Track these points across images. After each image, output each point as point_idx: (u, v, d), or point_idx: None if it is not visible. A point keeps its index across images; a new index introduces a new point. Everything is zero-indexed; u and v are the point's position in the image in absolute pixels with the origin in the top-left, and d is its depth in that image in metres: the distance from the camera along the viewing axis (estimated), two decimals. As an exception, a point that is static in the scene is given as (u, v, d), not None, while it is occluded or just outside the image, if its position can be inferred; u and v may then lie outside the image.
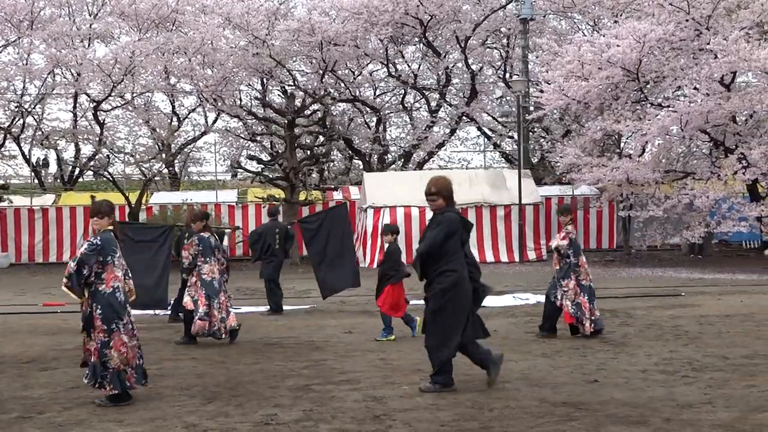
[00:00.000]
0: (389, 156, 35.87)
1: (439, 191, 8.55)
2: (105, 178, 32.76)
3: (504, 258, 27.27)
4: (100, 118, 31.95)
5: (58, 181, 36.57)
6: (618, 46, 24.03)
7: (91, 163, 33.36)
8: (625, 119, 24.52)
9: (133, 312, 8.61)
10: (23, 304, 18.52)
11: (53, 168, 38.52)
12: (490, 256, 26.83)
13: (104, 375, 8.07)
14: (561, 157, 27.08)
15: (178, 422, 7.47)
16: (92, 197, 14.90)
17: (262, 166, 32.00)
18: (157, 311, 14.94)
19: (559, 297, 11.97)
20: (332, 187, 30.73)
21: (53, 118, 34.05)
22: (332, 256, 14.54)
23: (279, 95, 33.82)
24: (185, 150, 34.72)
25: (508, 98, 34.94)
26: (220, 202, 30.17)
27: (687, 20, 23.90)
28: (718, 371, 9.30)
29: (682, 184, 25.31)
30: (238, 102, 33.01)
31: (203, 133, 34.16)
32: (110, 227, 8.42)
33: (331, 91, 32.76)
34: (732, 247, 29.62)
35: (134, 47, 29.04)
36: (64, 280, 8.19)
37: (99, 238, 8.25)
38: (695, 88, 24.34)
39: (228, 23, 30.78)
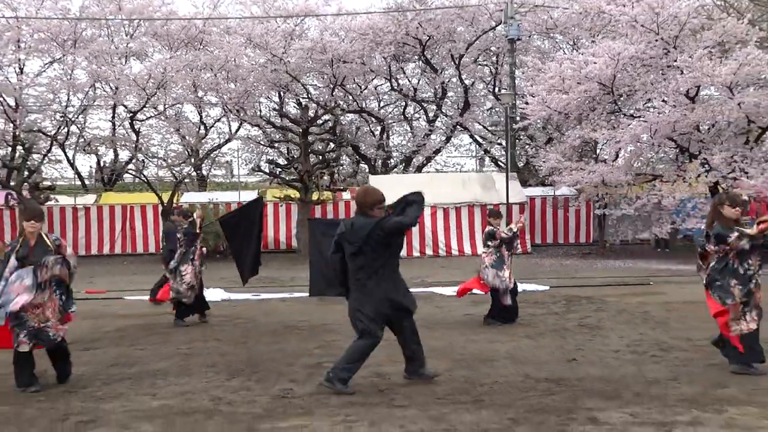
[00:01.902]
0: (392, 161, 35.86)
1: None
2: (140, 180, 32.79)
3: (493, 251, 27.26)
4: (135, 126, 31.93)
5: (99, 182, 36.58)
6: (595, 63, 24.00)
7: (128, 166, 33.39)
8: (600, 128, 24.50)
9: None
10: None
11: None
12: (480, 250, 26.77)
13: None
14: (544, 161, 27.04)
15: (205, 395, 7.51)
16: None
17: (280, 169, 32.02)
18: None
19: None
20: (341, 188, 30.70)
21: (94, 126, 34.03)
22: (247, 247, 13.48)
23: (294, 107, 33.81)
24: (211, 155, 34.73)
25: (497, 109, 34.91)
26: (242, 201, 30.15)
27: (656, 40, 23.86)
28: (683, 351, 9.32)
29: (651, 186, 25.27)
30: (258, 113, 32.99)
31: (227, 140, 34.18)
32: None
33: (341, 103, 32.76)
34: (695, 242, 29.56)
35: (166, 64, 29.04)
36: None
37: None
38: (663, 101, 24.30)
39: (249, 43, 30.78)
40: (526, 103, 26.46)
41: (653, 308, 13.19)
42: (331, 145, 32.52)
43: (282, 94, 33.44)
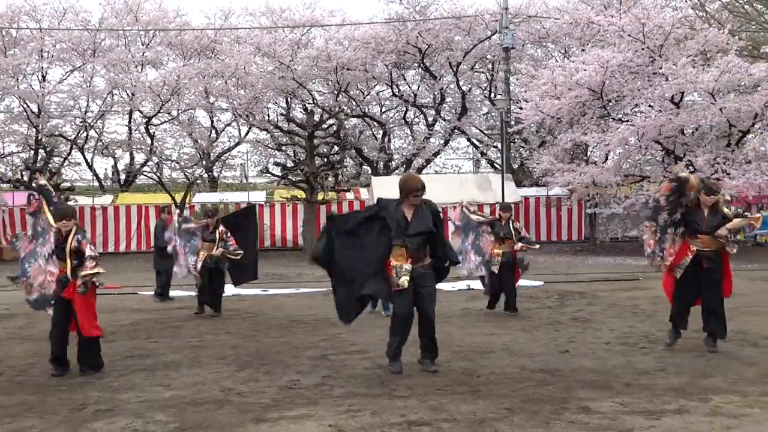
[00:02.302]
0: (393, 163, 35.83)
1: (424, 187, 7.96)
2: (155, 181, 32.78)
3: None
4: (151, 131, 31.97)
5: (116, 183, 36.60)
6: (585, 70, 23.98)
7: (144, 168, 33.39)
8: (591, 132, 24.47)
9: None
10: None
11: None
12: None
13: None
14: (537, 163, 27.02)
15: (215, 386, 7.46)
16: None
17: (287, 171, 32.02)
18: None
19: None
20: (345, 189, 30.68)
21: (112, 131, 34.09)
22: (243, 248, 13.24)
23: (301, 112, 33.81)
24: (222, 157, 34.72)
25: (492, 114, 34.86)
26: (251, 202, 30.15)
27: (643, 49, 23.84)
28: (670, 343, 9.27)
29: (639, 186, 25.26)
30: (267, 117, 32.99)
31: (237, 144, 34.18)
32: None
33: (345, 108, 32.74)
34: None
35: (180, 72, 29.07)
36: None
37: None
38: (650, 106, 24.28)
39: (258, 51, 30.78)
40: (521, 108, 26.43)
41: (642, 302, 13.13)
42: (336, 148, 32.49)
43: (289, 99, 33.43)
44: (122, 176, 35.60)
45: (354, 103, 33.59)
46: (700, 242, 8.65)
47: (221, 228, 12.97)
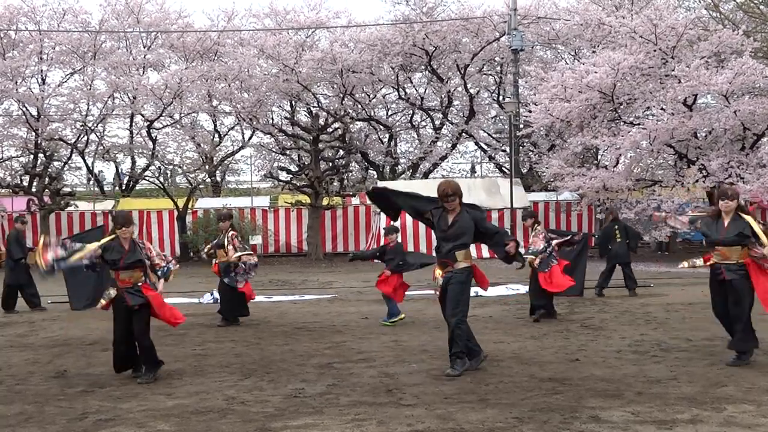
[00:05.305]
0: (399, 167, 35.80)
1: (455, 192, 8.24)
2: (157, 187, 32.81)
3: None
4: (152, 135, 32.00)
5: (117, 188, 36.64)
6: (595, 72, 23.97)
7: (145, 173, 33.44)
8: (601, 135, 24.46)
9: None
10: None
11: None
12: (485, 253, 26.67)
13: None
14: (547, 167, 27.00)
15: (219, 395, 7.47)
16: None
17: (291, 175, 32.03)
18: None
19: None
20: (351, 193, 30.67)
21: (113, 135, 34.06)
22: (79, 273, 12.80)
23: (305, 115, 33.82)
24: (225, 162, 34.76)
25: (501, 117, 34.81)
26: (255, 207, 30.21)
27: (655, 50, 23.83)
28: (683, 351, 9.26)
29: (650, 191, 25.23)
30: (271, 121, 33.01)
31: (241, 148, 34.21)
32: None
33: (350, 111, 32.76)
34: (694, 245, 29.36)
35: (182, 74, 29.11)
36: None
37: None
38: (662, 109, 24.27)
39: (262, 54, 30.82)
40: (530, 111, 26.42)
41: (654, 309, 13.11)
42: (341, 152, 32.52)
43: (293, 103, 33.46)
44: (124, 181, 35.64)
45: (359, 106, 33.60)
46: (719, 254, 8.60)
47: (231, 232, 12.93)
